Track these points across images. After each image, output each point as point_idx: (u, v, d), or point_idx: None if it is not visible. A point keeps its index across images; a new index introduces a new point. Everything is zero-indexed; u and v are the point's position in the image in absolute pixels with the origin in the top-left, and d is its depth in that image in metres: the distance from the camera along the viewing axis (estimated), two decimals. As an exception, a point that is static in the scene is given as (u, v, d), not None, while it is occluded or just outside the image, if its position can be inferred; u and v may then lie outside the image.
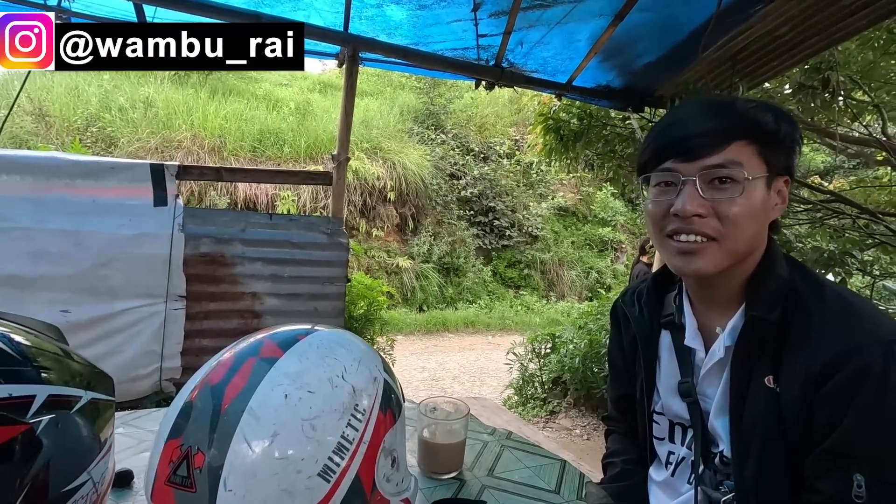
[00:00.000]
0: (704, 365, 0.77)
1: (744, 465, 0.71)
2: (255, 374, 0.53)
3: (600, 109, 3.29)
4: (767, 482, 0.69)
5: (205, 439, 0.49)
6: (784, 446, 0.67)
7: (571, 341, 3.68)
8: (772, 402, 0.68)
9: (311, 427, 0.51)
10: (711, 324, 0.77)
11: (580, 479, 0.84)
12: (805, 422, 0.65)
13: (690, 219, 0.69)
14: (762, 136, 0.69)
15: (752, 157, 0.69)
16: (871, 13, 2.28)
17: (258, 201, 7.44)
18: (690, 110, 0.74)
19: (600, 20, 2.39)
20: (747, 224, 0.68)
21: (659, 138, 0.75)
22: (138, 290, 2.28)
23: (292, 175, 3.02)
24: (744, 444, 0.71)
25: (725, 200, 0.67)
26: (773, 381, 0.68)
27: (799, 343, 0.67)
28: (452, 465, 0.83)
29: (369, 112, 9.55)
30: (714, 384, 0.76)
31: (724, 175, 0.68)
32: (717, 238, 0.69)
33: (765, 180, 0.69)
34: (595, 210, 10.85)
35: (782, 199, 0.73)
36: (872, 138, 3.57)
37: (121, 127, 7.42)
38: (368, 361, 0.61)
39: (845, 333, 0.64)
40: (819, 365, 0.64)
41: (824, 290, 0.70)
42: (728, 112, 0.71)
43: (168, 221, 2.30)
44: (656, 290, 0.88)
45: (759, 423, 0.69)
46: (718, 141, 0.69)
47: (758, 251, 0.73)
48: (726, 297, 0.75)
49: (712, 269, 0.70)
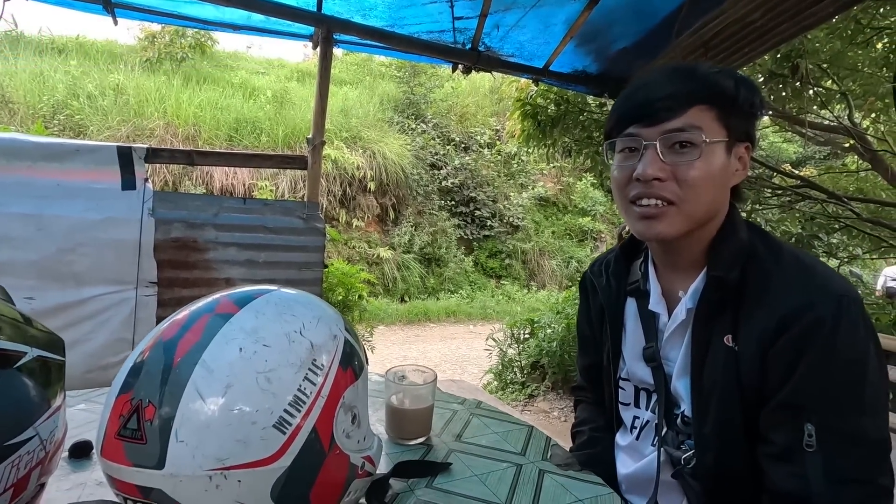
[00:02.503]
0: (667, 328, 0.79)
1: (703, 422, 0.73)
2: (209, 330, 0.52)
3: (577, 95, 3.31)
4: (725, 438, 0.71)
5: (156, 393, 0.48)
6: (741, 403, 0.69)
7: (549, 326, 3.72)
8: (730, 361, 0.70)
9: (267, 380, 0.50)
10: (675, 288, 0.79)
11: (546, 441, 0.85)
12: (761, 377, 0.67)
13: (651, 182, 0.70)
14: (722, 100, 0.70)
15: (712, 122, 0.70)
16: (837, 1, 2.32)
17: (235, 190, 7.32)
18: (654, 76, 0.75)
19: (575, 4, 2.39)
20: (706, 188, 0.69)
21: (623, 104, 0.76)
22: (107, 276, 2.21)
23: (267, 159, 2.96)
24: (703, 403, 0.73)
25: (685, 164, 0.69)
26: (731, 339, 0.70)
27: (756, 301, 0.69)
28: (420, 431, 0.83)
29: (349, 101, 9.44)
30: (676, 347, 0.78)
31: (684, 139, 0.69)
32: (676, 202, 0.70)
33: (724, 145, 0.70)
34: (575, 200, 10.95)
35: (743, 166, 0.74)
36: (840, 126, 3.67)
37: (90, 115, 7.19)
38: (329, 320, 0.60)
39: (799, 290, 0.66)
40: (775, 321, 0.66)
41: (781, 251, 0.72)
42: (689, 77, 0.72)
43: (137, 205, 2.24)
44: (624, 258, 0.89)
45: (717, 382, 0.71)
46: (679, 105, 0.69)
47: (719, 216, 0.75)
48: (689, 261, 0.77)
49: (673, 233, 0.71)
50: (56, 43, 8.49)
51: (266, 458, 0.49)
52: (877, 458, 0.63)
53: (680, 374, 0.77)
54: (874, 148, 3.50)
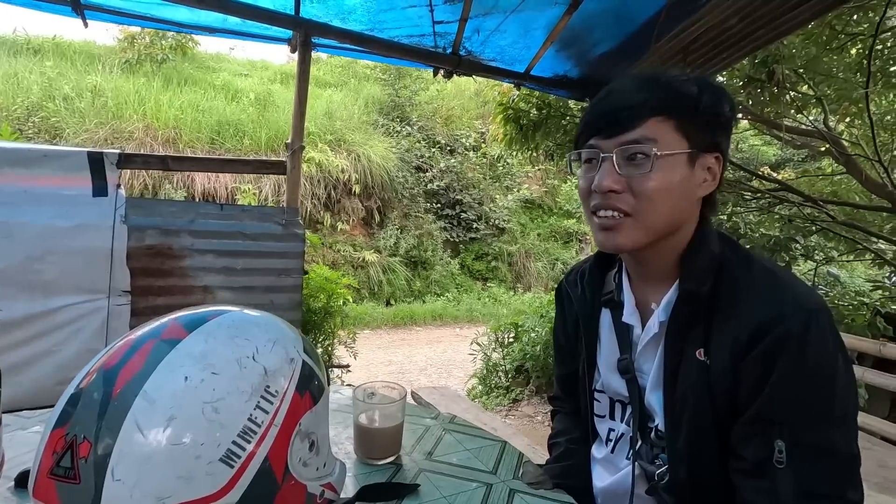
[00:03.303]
0: (640, 341, 0.78)
1: (676, 436, 0.72)
2: (153, 357, 0.49)
3: (559, 99, 3.32)
4: (698, 453, 0.71)
5: (92, 427, 0.45)
6: (713, 417, 0.68)
7: (533, 329, 3.72)
8: (702, 374, 0.69)
9: (214, 409, 0.48)
10: (648, 300, 0.78)
11: (519, 458, 0.84)
12: (732, 391, 0.66)
13: (607, 194, 0.69)
14: (681, 110, 0.68)
15: (670, 133, 0.68)
16: (813, 7, 2.35)
17: (217, 195, 7.21)
18: (618, 85, 0.74)
19: (555, 8, 2.40)
20: (662, 200, 0.68)
21: (588, 115, 0.75)
22: (77, 285, 2.15)
23: (245, 164, 2.91)
24: (676, 417, 0.72)
25: (639, 176, 0.67)
26: (703, 353, 0.69)
27: (727, 314, 0.68)
28: (389, 450, 0.81)
29: (333, 103, 9.36)
30: (650, 360, 0.77)
31: (637, 151, 0.67)
32: (633, 213, 0.69)
33: (686, 157, 0.68)
34: (560, 202, 11.00)
35: (713, 177, 0.72)
36: (815, 130, 3.73)
37: (66, 117, 7.02)
38: (286, 342, 0.58)
39: (770, 303, 0.65)
40: (746, 334, 0.65)
41: (751, 262, 0.71)
42: (649, 87, 0.70)
43: (109, 212, 2.18)
44: (599, 269, 0.88)
45: (689, 396, 0.70)
46: (636, 116, 0.68)
47: (686, 227, 0.73)
48: (660, 273, 0.76)
49: (630, 245, 0.70)
50: (31, 43, 8.30)
51: (212, 493, 0.46)
52: (846, 472, 0.63)
53: (653, 388, 0.76)
54: (848, 152, 3.57)
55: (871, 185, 3.46)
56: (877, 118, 3.47)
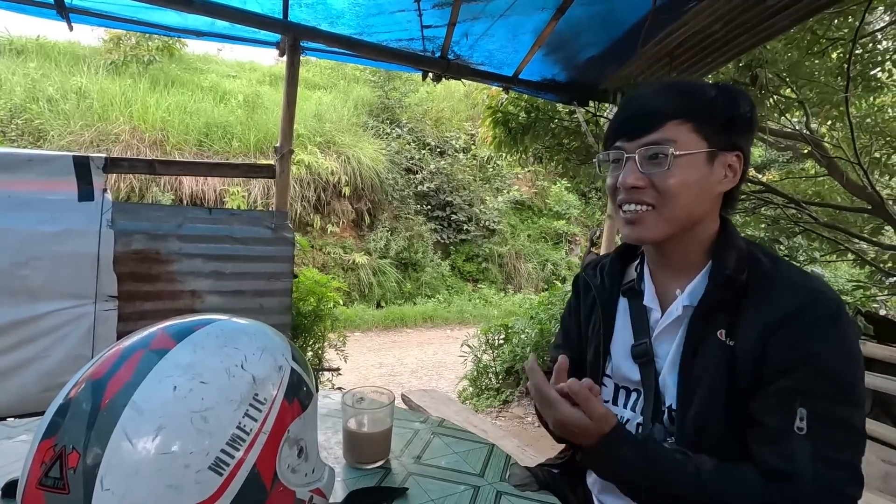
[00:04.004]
0: (659, 325, 0.82)
1: (687, 410, 0.76)
2: (141, 367, 0.50)
3: (547, 103, 3.35)
4: (703, 426, 0.74)
5: (81, 437, 0.46)
6: (726, 396, 0.73)
7: (523, 331, 3.74)
8: (722, 354, 0.73)
9: (203, 419, 0.48)
10: (669, 289, 0.83)
11: (506, 461, 0.85)
12: (757, 368, 0.71)
13: (631, 190, 0.76)
14: (697, 114, 0.75)
15: (687, 134, 0.75)
16: (793, 13, 2.41)
17: (206, 197, 7.14)
18: (641, 92, 0.82)
19: (543, 13, 2.42)
20: (681, 194, 0.74)
21: (614, 120, 0.83)
22: (63, 290, 2.13)
23: (233, 168, 2.89)
24: (689, 392, 0.76)
25: (659, 173, 0.74)
26: (724, 335, 0.74)
27: (759, 301, 0.73)
28: (378, 455, 0.82)
29: (322, 105, 9.33)
30: (667, 343, 0.81)
31: (656, 151, 0.74)
32: (656, 205, 0.76)
33: (705, 155, 0.75)
34: (550, 203, 11.07)
35: (734, 174, 0.78)
36: (798, 133, 3.80)
37: (50, 119, 6.92)
38: (274, 350, 0.59)
39: (803, 291, 0.71)
40: (778, 317, 0.70)
41: (780, 261, 0.78)
42: (668, 93, 0.78)
43: (95, 217, 2.16)
44: (619, 261, 0.94)
45: (706, 373, 0.74)
46: (656, 120, 0.75)
47: (707, 221, 0.80)
48: (684, 264, 0.81)
49: (653, 236, 0.78)
50: (14, 44, 8.17)
51: (201, 501, 0.47)
52: (859, 446, 0.68)
53: (670, 369, 0.80)
54: (830, 154, 3.63)
55: (852, 186, 3.53)
56: (857, 121, 3.54)
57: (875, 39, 3.62)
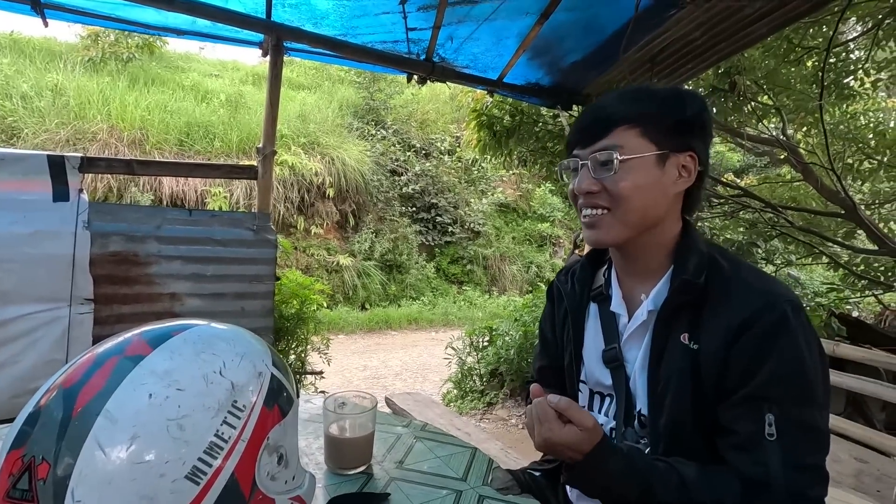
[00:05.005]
0: (627, 329, 0.84)
1: (658, 416, 0.77)
2: (116, 374, 0.49)
3: (531, 107, 3.37)
4: (678, 433, 0.75)
5: (51, 448, 0.44)
6: (693, 397, 0.74)
7: (507, 333, 3.75)
8: (686, 358, 0.74)
9: (179, 427, 0.47)
10: (635, 293, 0.84)
11: (488, 464, 0.85)
12: (721, 373, 0.72)
13: (587, 195, 0.79)
14: (642, 118, 0.77)
15: (635, 139, 0.77)
16: (770, 22, 2.47)
17: (186, 198, 7.02)
18: (596, 102, 0.84)
19: (527, 18, 2.44)
20: (633, 196, 0.76)
21: (572, 129, 0.85)
22: (37, 293, 2.07)
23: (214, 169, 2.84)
24: (659, 397, 0.77)
25: (609, 178, 0.77)
26: (687, 338, 0.75)
27: (718, 304, 0.74)
28: (360, 460, 0.81)
29: (307, 106, 9.26)
30: (635, 347, 0.82)
31: (604, 157, 0.76)
32: (611, 208, 0.77)
33: (654, 158, 0.76)
34: (534, 206, 11.14)
35: (688, 174, 0.79)
36: (775, 138, 3.89)
37: (24, 116, 6.74)
38: (253, 356, 0.58)
39: (759, 294, 0.72)
40: (738, 320, 0.71)
41: (739, 263, 0.79)
42: (617, 101, 0.79)
43: (70, 218, 2.10)
44: (590, 266, 0.95)
45: (673, 377, 0.75)
46: (605, 127, 0.78)
47: (667, 223, 0.81)
48: (647, 267, 0.83)
49: (611, 238, 0.80)
50: (-13, 39, 7.95)
51: (177, 511, 0.46)
52: (824, 447, 0.70)
53: (639, 372, 0.81)
54: (805, 160, 3.73)
55: (826, 192, 3.63)
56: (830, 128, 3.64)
57: (848, 49, 3.72)
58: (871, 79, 3.60)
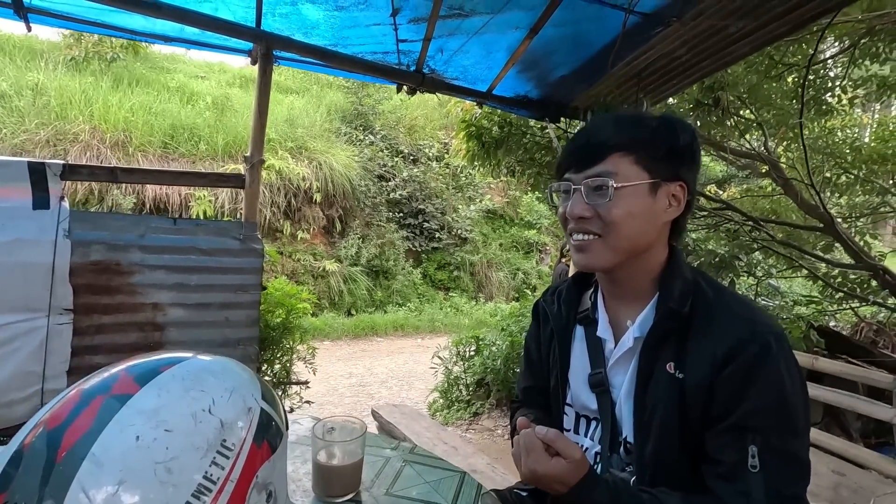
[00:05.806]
0: (613, 355, 0.84)
1: (644, 444, 0.77)
2: (101, 415, 0.48)
3: (520, 118, 3.40)
4: (663, 460, 0.76)
5: (34, 494, 0.43)
6: (679, 426, 0.74)
7: (494, 343, 3.76)
8: (672, 387, 0.75)
9: (167, 470, 0.47)
10: (622, 318, 0.84)
11: (477, 490, 0.85)
12: (706, 402, 0.72)
13: (578, 220, 0.79)
14: (638, 147, 0.77)
15: (629, 166, 0.77)
16: (753, 41, 2.54)
17: (170, 202, 6.92)
18: (590, 126, 0.86)
19: (517, 32, 2.46)
20: (625, 224, 0.77)
21: (564, 151, 0.85)
22: (13, 303, 2.01)
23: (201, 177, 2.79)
24: (645, 426, 0.77)
25: (603, 204, 0.77)
26: (673, 367, 0.75)
27: (702, 333, 0.75)
28: (349, 488, 0.81)
29: (294, 110, 9.20)
30: (621, 373, 0.82)
31: (599, 183, 0.77)
32: (602, 234, 0.78)
33: (647, 186, 0.77)
34: (521, 213, 11.21)
35: (677, 203, 0.80)
36: (756, 152, 3.98)
37: (2, 116, 6.58)
38: (243, 390, 0.57)
39: (745, 323, 0.73)
40: (723, 350, 0.72)
41: (722, 290, 0.80)
42: (612, 127, 0.80)
43: (50, 226, 2.05)
44: (576, 288, 0.95)
45: (658, 406, 0.76)
46: (600, 153, 0.78)
47: (655, 250, 0.81)
48: (634, 293, 0.83)
49: (601, 263, 0.80)
50: (-36, 36, 7.76)
51: (164, 557, 0.45)
52: (805, 477, 0.71)
53: (625, 399, 0.81)
54: (786, 175, 3.82)
55: (805, 205, 3.72)
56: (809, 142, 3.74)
57: (826, 66, 3.83)
58: (848, 95, 3.71)
